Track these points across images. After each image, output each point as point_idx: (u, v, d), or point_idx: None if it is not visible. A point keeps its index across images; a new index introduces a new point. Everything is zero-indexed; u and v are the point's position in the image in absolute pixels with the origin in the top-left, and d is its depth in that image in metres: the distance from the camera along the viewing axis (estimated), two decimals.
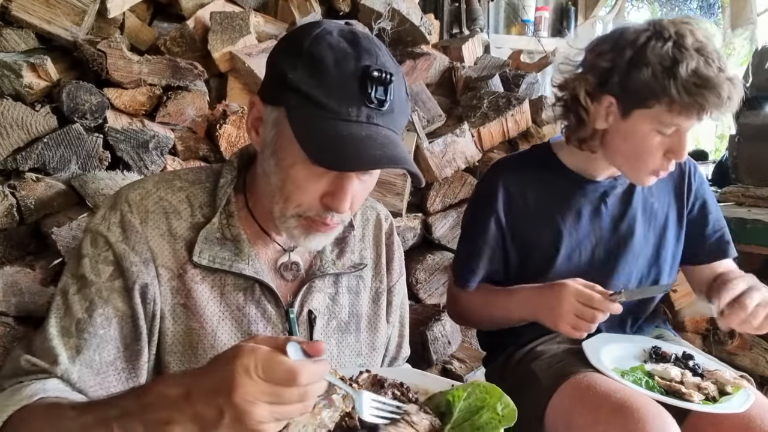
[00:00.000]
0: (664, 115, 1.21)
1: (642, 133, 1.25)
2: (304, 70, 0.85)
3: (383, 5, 2.15)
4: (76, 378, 0.86)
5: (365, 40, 0.88)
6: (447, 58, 2.51)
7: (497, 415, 0.80)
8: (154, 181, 0.99)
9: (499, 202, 1.41)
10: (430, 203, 2.13)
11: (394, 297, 1.17)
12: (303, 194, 0.90)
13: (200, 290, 0.95)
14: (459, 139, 2.12)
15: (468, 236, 1.49)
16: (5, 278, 1.44)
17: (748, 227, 2.29)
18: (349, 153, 0.83)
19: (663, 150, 1.26)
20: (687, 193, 1.47)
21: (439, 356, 2.00)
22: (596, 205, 1.42)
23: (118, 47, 1.66)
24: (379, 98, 0.86)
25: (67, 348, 0.87)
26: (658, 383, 1.22)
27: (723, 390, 1.23)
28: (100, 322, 0.89)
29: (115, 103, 1.67)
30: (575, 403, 1.20)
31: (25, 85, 1.55)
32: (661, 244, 1.46)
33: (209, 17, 1.91)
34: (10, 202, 1.51)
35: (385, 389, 0.87)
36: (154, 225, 0.94)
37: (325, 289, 1.06)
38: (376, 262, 1.14)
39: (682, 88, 1.17)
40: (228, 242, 0.96)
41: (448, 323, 2.01)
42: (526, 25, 3.83)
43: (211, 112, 1.81)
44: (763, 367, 2.26)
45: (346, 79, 0.84)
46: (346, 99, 0.85)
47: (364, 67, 0.84)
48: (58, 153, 1.59)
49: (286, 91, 0.86)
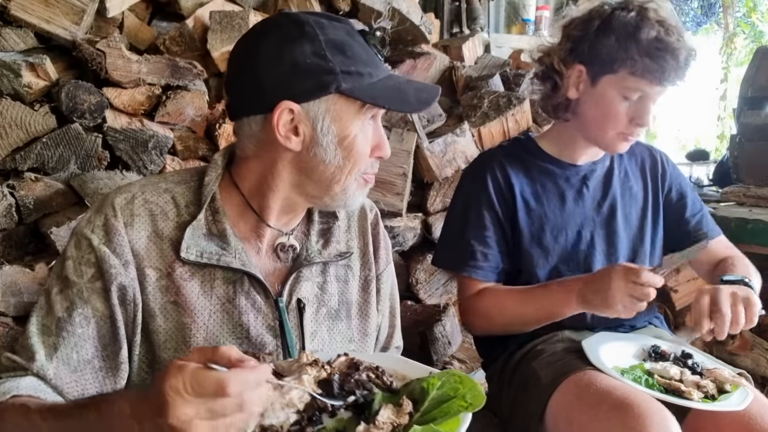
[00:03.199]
0: (628, 80, 1.31)
1: (609, 98, 1.35)
2: (335, 55, 0.94)
3: (383, 4, 2.14)
4: (51, 374, 0.89)
5: (335, 19, 1.01)
6: (447, 58, 2.50)
7: (465, 403, 0.82)
8: (140, 184, 1.02)
9: (490, 190, 1.46)
10: (430, 203, 2.13)
11: (382, 285, 1.21)
12: (363, 157, 1.00)
13: (190, 287, 0.98)
14: (459, 139, 2.12)
15: (458, 224, 1.49)
16: (4, 278, 1.44)
17: (750, 227, 2.28)
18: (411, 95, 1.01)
19: (629, 116, 1.35)
20: (661, 178, 1.55)
21: (439, 356, 1.99)
22: (578, 188, 1.49)
23: (117, 47, 1.65)
24: (380, 51, 1.01)
25: (45, 346, 0.90)
26: (657, 381, 1.22)
27: (722, 388, 1.23)
28: (79, 321, 0.92)
29: (114, 102, 1.67)
30: (575, 400, 1.21)
31: (24, 84, 1.55)
32: (643, 225, 1.52)
33: (208, 16, 1.90)
34: (9, 202, 1.51)
35: (360, 372, 0.88)
36: (140, 227, 0.97)
37: (313, 278, 1.08)
38: (363, 251, 1.18)
39: (643, 51, 1.28)
40: (214, 237, 0.99)
41: (448, 323, 2.01)
42: (526, 24, 3.83)
43: (210, 112, 1.81)
44: (764, 367, 2.26)
45: (364, 47, 0.99)
46: (372, 61, 0.99)
47: (360, 31, 1.00)
48: (57, 153, 1.59)
49: (329, 77, 0.94)
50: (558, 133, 1.52)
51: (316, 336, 1.07)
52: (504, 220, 1.46)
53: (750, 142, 2.77)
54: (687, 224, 1.56)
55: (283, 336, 1.02)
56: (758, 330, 2.30)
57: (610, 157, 1.52)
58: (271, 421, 0.78)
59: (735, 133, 2.94)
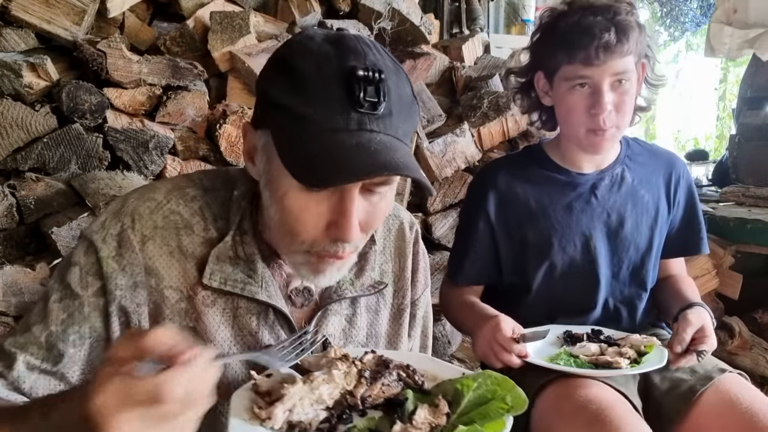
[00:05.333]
0: (567, 70, 1.34)
1: (563, 93, 1.38)
2: (284, 83, 0.77)
3: (383, 5, 2.15)
4: (27, 387, 0.82)
5: (352, 40, 0.78)
6: (447, 58, 2.50)
7: (506, 405, 0.79)
8: (166, 189, 0.91)
9: (490, 202, 1.47)
10: (430, 203, 2.13)
11: (418, 310, 1.10)
12: (304, 227, 0.79)
13: (211, 314, 0.88)
14: (459, 139, 2.12)
15: (459, 235, 1.56)
16: (5, 278, 1.44)
17: (749, 227, 2.29)
18: (332, 166, 0.73)
19: (586, 108, 1.35)
20: (674, 191, 1.53)
21: (438, 356, 2.00)
22: (587, 197, 1.47)
23: (118, 47, 1.65)
24: (370, 100, 0.75)
25: (29, 356, 0.82)
26: (585, 361, 1.27)
27: (639, 351, 1.30)
28: (72, 340, 0.84)
29: (115, 103, 1.67)
30: (554, 413, 1.22)
31: (24, 84, 1.55)
32: (652, 235, 1.50)
33: (209, 17, 1.91)
34: (10, 202, 1.51)
35: (390, 370, 0.85)
36: (162, 242, 0.87)
37: (341, 312, 0.98)
38: (398, 276, 1.05)
39: (566, 38, 1.32)
40: (241, 262, 0.89)
41: (448, 323, 2.01)
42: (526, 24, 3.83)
43: (210, 112, 1.81)
44: (763, 366, 2.26)
45: (329, 84, 0.74)
46: (331, 107, 0.74)
47: (349, 68, 0.74)
48: (58, 153, 1.59)
49: (269, 110, 0.79)
50: (558, 141, 1.52)
51: None
52: (502, 233, 1.48)
53: (749, 142, 2.78)
54: (672, 241, 1.55)
55: None
56: (757, 330, 2.31)
57: (622, 165, 1.49)
58: (299, 418, 0.75)
59: (734, 133, 2.95)
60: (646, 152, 1.54)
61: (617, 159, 1.49)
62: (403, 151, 0.78)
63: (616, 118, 1.34)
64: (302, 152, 0.75)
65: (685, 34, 6.76)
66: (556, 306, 1.47)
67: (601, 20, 1.29)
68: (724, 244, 2.36)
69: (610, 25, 1.29)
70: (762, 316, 2.31)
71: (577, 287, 1.47)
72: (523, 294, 1.49)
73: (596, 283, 1.46)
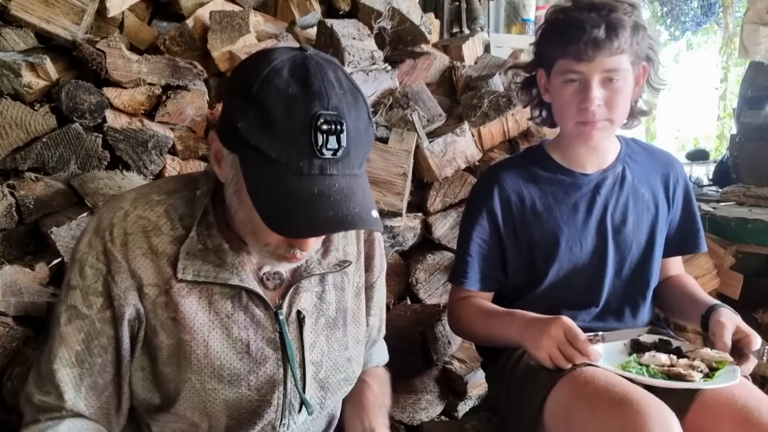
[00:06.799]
0: (561, 65, 1.37)
1: (557, 87, 1.41)
2: (254, 120, 0.83)
3: (383, 4, 2.14)
4: (83, 407, 0.95)
5: (316, 78, 0.84)
6: (447, 58, 2.50)
7: None
8: (132, 198, 0.99)
9: (495, 204, 1.47)
10: (430, 203, 2.13)
11: (375, 292, 1.21)
12: (269, 236, 0.91)
13: (188, 303, 0.97)
14: (459, 139, 2.12)
15: (465, 241, 1.53)
16: (4, 278, 1.44)
17: (750, 227, 2.28)
18: (296, 217, 0.84)
19: (577, 102, 1.37)
20: (673, 190, 1.54)
21: (439, 356, 1.99)
22: (591, 197, 1.48)
23: (118, 46, 1.65)
24: (331, 148, 0.83)
25: (71, 378, 0.94)
26: (656, 371, 1.23)
27: (711, 366, 1.24)
28: (97, 351, 0.96)
29: (114, 102, 1.67)
30: (573, 398, 1.21)
31: (24, 84, 1.55)
32: (653, 233, 1.51)
33: (209, 16, 1.90)
34: (9, 202, 1.51)
35: None
36: (135, 246, 0.95)
37: (312, 288, 1.07)
38: (357, 258, 1.16)
39: (561, 33, 1.35)
40: (210, 253, 0.97)
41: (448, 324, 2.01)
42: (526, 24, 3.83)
43: (210, 112, 1.81)
44: (764, 366, 2.26)
45: (294, 130, 0.82)
46: (296, 152, 0.83)
47: (313, 116, 0.82)
48: (57, 152, 1.59)
49: (238, 140, 0.85)
50: (559, 140, 1.53)
51: (315, 346, 1.06)
52: (509, 235, 1.48)
53: (750, 141, 2.77)
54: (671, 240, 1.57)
55: (284, 348, 1.01)
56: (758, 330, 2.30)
57: (622, 163, 1.51)
58: None
59: (735, 132, 2.94)
60: (643, 152, 1.56)
61: (618, 157, 1.50)
62: (358, 194, 0.87)
63: (606, 113, 1.36)
64: (270, 197, 0.85)
65: (686, 33, 6.76)
66: (558, 303, 1.47)
67: (593, 16, 1.31)
68: (725, 244, 2.35)
69: (602, 21, 1.30)
70: (762, 316, 2.31)
71: (582, 285, 1.47)
72: (525, 292, 1.50)
73: (601, 282, 1.47)
